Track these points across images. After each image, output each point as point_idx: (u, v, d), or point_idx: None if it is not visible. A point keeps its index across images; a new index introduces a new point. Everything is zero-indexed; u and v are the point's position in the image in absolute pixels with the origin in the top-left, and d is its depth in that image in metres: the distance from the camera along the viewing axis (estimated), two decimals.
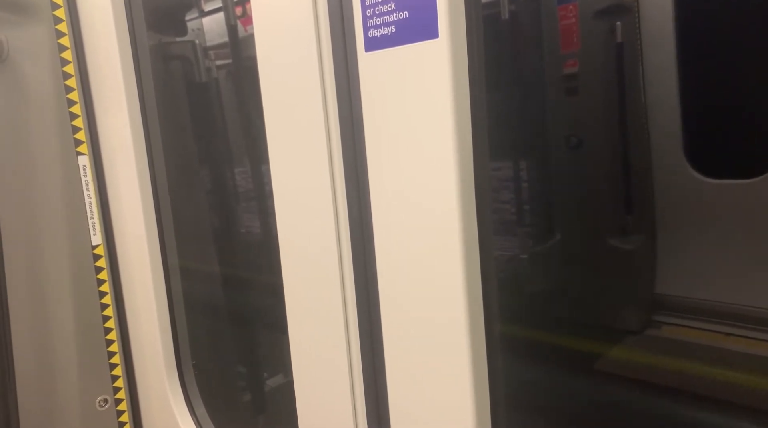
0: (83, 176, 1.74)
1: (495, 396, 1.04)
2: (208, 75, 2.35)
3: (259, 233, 2.50)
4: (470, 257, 0.97)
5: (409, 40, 0.94)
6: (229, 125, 2.54)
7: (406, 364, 1.09)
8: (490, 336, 1.02)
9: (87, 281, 1.78)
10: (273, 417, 2.35)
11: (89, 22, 1.69)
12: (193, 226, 2.20)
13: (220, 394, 2.19)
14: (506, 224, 2.70)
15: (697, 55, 2.51)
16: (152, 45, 1.83)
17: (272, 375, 2.39)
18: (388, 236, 1.05)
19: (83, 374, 1.80)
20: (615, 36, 2.52)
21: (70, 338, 1.78)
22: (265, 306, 2.19)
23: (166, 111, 1.88)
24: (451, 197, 0.95)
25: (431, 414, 1.07)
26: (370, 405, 1.19)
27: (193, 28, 2.41)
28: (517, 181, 2.67)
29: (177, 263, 1.80)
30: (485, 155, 0.98)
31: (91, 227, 1.77)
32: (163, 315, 1.74)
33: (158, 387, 1.80)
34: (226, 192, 2.52)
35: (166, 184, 1.76)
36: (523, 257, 2.69)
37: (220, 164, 2.46)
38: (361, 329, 1.16)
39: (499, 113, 2.48)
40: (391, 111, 1.00)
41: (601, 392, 2.37)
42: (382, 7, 0.97)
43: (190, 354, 1.84)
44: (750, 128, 2.49)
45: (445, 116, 0.92)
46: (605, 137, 2.62)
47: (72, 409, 1.80)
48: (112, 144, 1.73)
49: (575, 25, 2.56)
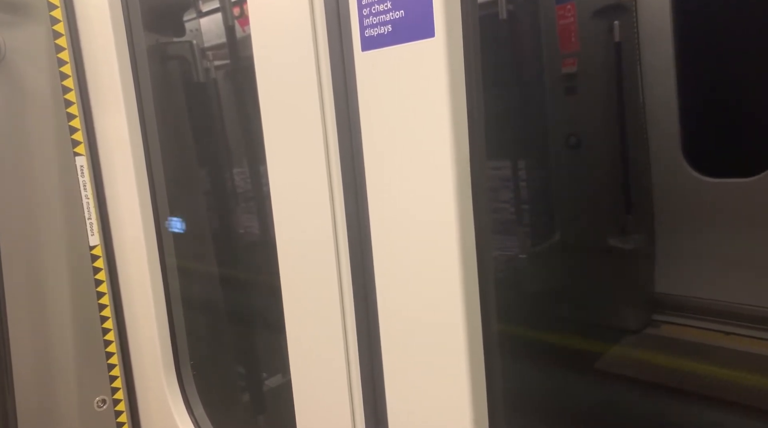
0: (81, 177, 1.74)
1: (493, 396, 1.04)
2: (206, 75, 2.35)
3: (257, 233, 2.50)
4: (467, 257, 0.97)
5: (405, 39, 0.94)
6: (227, 125, 2.54)
7: (403, 364, 1.09)
8: (488, 335, 1.02)
9: (85, 282, 1.78)
10: (271, 417, 2.35)
11: (86, 23, 1.69)
12: (190, 226, 2.20)
13: (219, 394, 2.19)
14: (504, 224, 2.70)
15: (696, 54, 2.52)
16: (150, 45, 1.82)
17: (271, 375, 2.39)
18: (386, 235, 1.05)
19: (81, 374, 1.80)
20: (613, 35, 2.52)
21: (68, 338, 1.77)
22: (263, 306, 2.19)
23: (164, 111, 1.88)
24: (448, 196, 0.95)
25: (429, 414, 1.06)
26: (367, 405, 1.18)
27: (191, 28, 2.41)
28: (516, 180, 2.67)
29: (175, 264, 1.79)
30: (482, 154, 0.98)
31: (89, 228, 1.76)
32: (161, 316, 1.74)
33: (156, 387, 1.79)
34: (223, 192, 2.52)
35: (164, 184, 1.75)
36: (522, 257, 2.69)
37: (218, 164, 2.46)
38: (358, 329, 1.16)
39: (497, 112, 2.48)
40: (387, 110, 1.00)
41: (601, 391, 2.37)
42: (378, 7, 0.97)
43: (188, 354, 1.84)
44: (748, 126, 2.49)
45: (442, 115, 0.92)
46: (604, 136, 2.62)
47: (70, 409, 1.80)
48: (110, 144, 1.73)
49: (573, 24, 2.56)
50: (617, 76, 2.56)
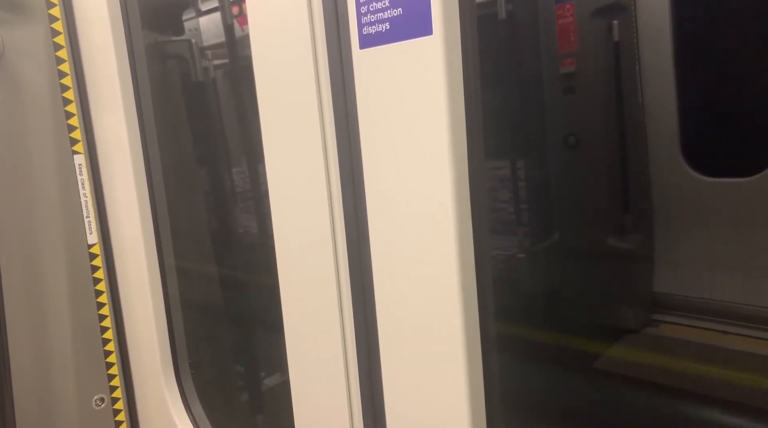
0: (79, 175, 1.74)
1: (490, 396, 1.04)
2: (205, 74, 2.35)
3: (256, 232, 2.50)
4: (465, 256, 0.97)
5: (403, 37, 0.94)
6: (226, 124, 2.54)
7: (401, 364, 1.08)
8: (486, 335, 1.02)
9: (83, 281, 1.78)
10: (270, 416, 2.35)
11: (85, 21, 1.68)
12: (189, 225, 2.20)
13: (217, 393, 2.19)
14: (503, 224, 2.70)
15: (694, 53, 2.52)
16: (148, 44, 1.82)
17: (269, 374, 2.39)
18: (384, 234, 1.05)
19: (80, 373, 1.80)
20: (612, 35, 2.52)
21: (67, 337, 1.77)
22: (261, 305, 2.19)
23: (162, 110, 1.88)
24: (446, 194, 0.95)
25: (427, 414, 1.06)
26: (366, 405, 1.18)
27: (190, 27, 2.41)
28: (514, 180, 2.67)
29: (173, 262, 1.79)
30: (480, 152, 0.98)
31: (87, 226, 1.76)
32: (160, 314, 1.74)
33: (155, 385, 1.79)
34: (222, 191, 2.52)
35: (162, 183, 1.75)
36: (521, 257, 2.69)
37: (216, 163, 2.46)
38: (356, 328, 1.16)
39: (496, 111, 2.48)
40: (385, 108, 1.00)
41: (600, 390, 2.37)
42: (376, 4, 0.97)
43: (187, 353, 1.83)
44: (747, 126, 2.49)
45: (440, 113, 0.92)
46: (602, 135, 2.63)
47: (68, 408, 1.80)
48: (108, 143, 1.73)
49: (572, 24, 2.56)
50: (616, 76, 2.56)
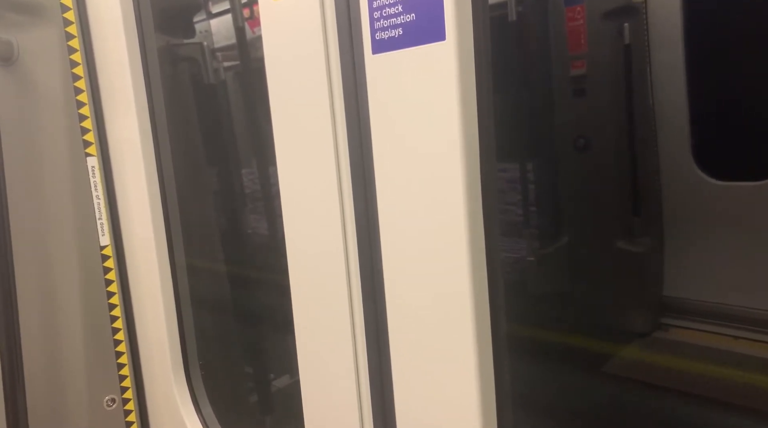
0: (92, 177, 1.75)
1: (501, 397, 1.04)
2: (216, 77, 2.36)
3: (267, 234, 2.50)
4: (477, 259, 0.97)
5: (416, 42, 0.95)
6: (237, 127, 2.55)
7: (412, 365, 1.09)
8: (497, 337, 1.02)
9: (95, 282, 1.79)
10: (280, 417, 2.36)
11: (98, 24, 1.70)
12: (201, 227, 2.21)
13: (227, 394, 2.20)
14: (513, 226, 2.69)
15: (706, 56, 2.50)
16: (161, 47, 1.84)
17: (279, 375, 2.39)
18: (395, 237, 1.06)
19: (91, 373, 1.81)
20: (623, 37, 2.51)
21: (79, 338, 1.79)
22: (272, 306, 2.20)
23: (175, 112, 1.89)
24: (457, 198, 0.95)
25: (437, 414, 1.07)
26: (376, 405, 1.19)
27: (202, 30, 2.43)
28: (524, 183, 2.67)
29: (185, 264, 1.80)
30: (492, 156, 0.98)
31: (100, 228, 1.78)
32: (171, 316, 1.75)
33: (165, 386, 1.80)
34: (234, 193, 2.53)
35: (174, 185, 1.76)
36: (530, 259, 2.68)
37: (228, 165, 2.47)
38: (367, 329, 1.16)
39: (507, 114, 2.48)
40: (398, 113, 1.00)
41: (609, 394, 2.37)
42: (389, 10, 0.98)
43: (197, 354, 1.84)
44: (758, 129, 2.48)
45: (452, 118, 0.93)
46: (613, 138, 2.61)
47: (80, 409, 1.81)
48: (121, 145, 1.74)
49: (583, 26, 2.55)
50: (627, 79, 2.55)
